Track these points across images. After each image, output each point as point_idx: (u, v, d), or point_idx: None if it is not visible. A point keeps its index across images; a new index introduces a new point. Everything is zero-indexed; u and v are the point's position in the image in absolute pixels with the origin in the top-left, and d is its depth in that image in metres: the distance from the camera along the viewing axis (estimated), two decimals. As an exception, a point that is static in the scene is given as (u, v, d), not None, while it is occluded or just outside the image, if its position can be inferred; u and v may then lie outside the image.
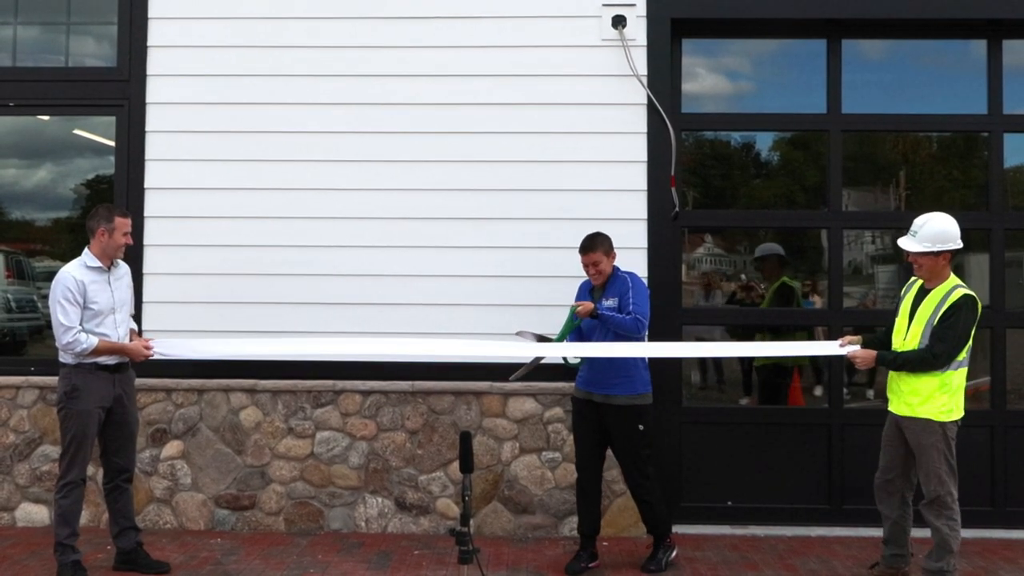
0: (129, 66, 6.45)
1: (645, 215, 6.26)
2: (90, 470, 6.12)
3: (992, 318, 6.45)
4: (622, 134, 6.29)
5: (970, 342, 4.96)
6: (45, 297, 8.08)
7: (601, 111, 6.30)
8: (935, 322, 4.90)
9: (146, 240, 6.34)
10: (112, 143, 6.54)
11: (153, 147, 6.40)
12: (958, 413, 4.95)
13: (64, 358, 5.16)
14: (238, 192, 6.32)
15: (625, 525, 6.19)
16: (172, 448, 6.31)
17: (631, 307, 5.27)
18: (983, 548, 5.95)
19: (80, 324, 5.08)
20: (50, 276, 8.23)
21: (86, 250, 5.25)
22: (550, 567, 5.51)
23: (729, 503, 6.42)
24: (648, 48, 6.32)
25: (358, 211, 6.29)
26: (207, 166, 6.37)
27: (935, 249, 4.93)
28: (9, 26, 6.73)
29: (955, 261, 5.15)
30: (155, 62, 6.42)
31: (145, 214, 6.36)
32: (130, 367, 5.36)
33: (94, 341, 5.07)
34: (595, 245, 5.39)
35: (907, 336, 5.04)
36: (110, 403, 5.19)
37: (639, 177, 6.28)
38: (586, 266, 5.43)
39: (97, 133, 6.92)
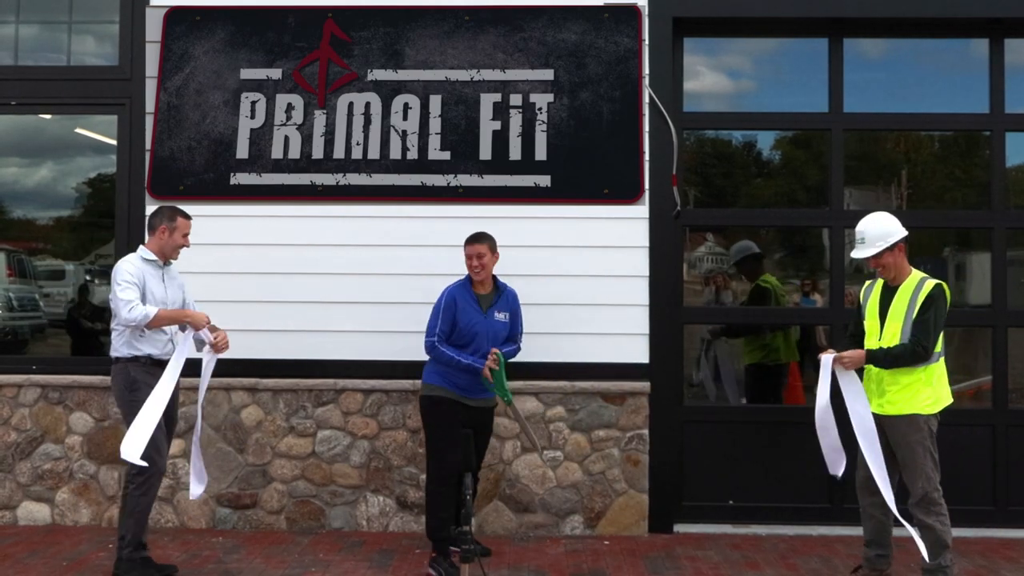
0: (131, 65, 6.45)
1: (647, 214, 6.26)
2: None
3: (993, 317, 6.45)
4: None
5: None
6: (47, 296, 8.13)
7: (602, 110, 6.31)
8: (914, 315, 4.90)
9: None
10: (114, 141, 6.55)
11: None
12: (941, 403, 4.97)
13: (118, 351, 5.12)
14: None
15: (626, 524, 6.19)
16: (173, 447, 6.26)
17: (520, 334, 5.64)
18: (984, 547, 5.94)
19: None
20: (51, 275, 8.30)
21: (142, 246, 5.28)
22: (551, 566, 5.51)
23: (730, 502, 6.41)
24: (650, 47, 6.32)
25: (358, 210, 6.30)
26: (208, 165, 6.39)
27: (888, 245, 4.95)
28: (11, 24, 6.74)
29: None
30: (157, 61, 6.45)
31: (147, 213, 6.35)
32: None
33: (153, 309, 5.03)
34: (482, 238, 5.47)
35: (882, 336, 5.02)
36: (170, 395, 5.10)
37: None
38: (470, 257, 5.43)
39: (98, 132, 6.93)
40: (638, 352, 6.23)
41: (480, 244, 5.44)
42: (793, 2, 6.40)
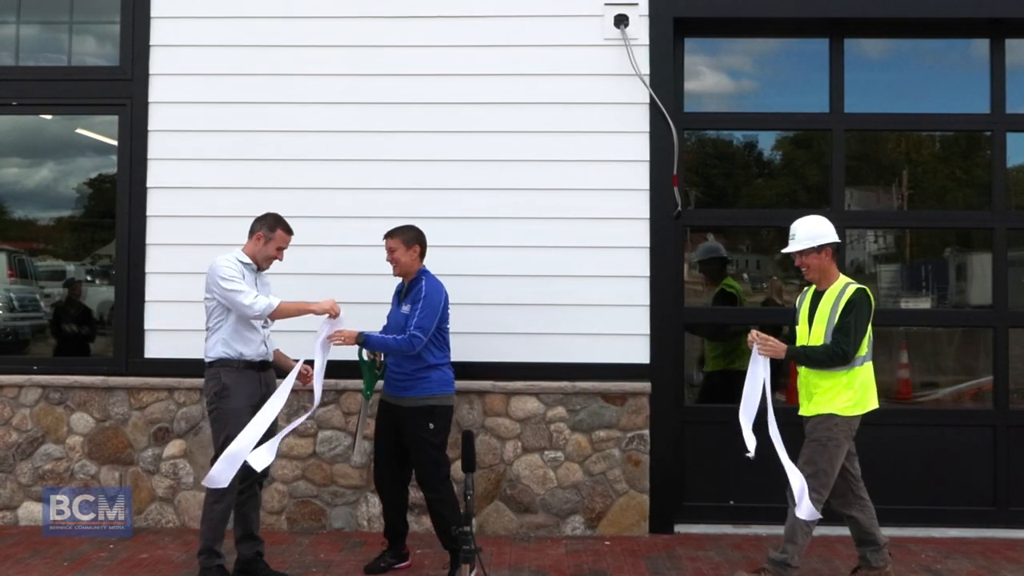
0: (132, 65, 6.45)
1: (647, 214, 6.27)
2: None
3: (994, 318, 6.45)
4: (624, 133, 6.29)
5: (869, 335, 5.02)
6: (48, 296, 8.11)
7: (603, 110, 6.30)
8: (836, 320, 4.97)
9: (148, 239, 6.35)
10: (114, 142, 6.55)
11: (155, 146, 6.41)
12: (861, 408, 5.00)
13: (211, 355, 5.05)
14: (239, 191, 6.32)
15: (627, 524, 6.19)
16: (174, 447, 6.31)
17: (412, 324, 5.13)
18: (985, 548, 5.95)
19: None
20: (52, 275, 8.28)
21: (239, 248, 5.22)
22: (552, 567, 5.51)
23: (731, 502, 6.41)
24: (650, 47, 6.32)
25: (359, 211, 6.30)
26: (209, 165, 6.38)
27: (815, 245, 5.04)
28: (12, 25, 6.74)
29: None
30: (157, 61, 6.44)
31: (147, 213, 6.36)
32: (272, 367, 5.23)
33: (276, 300, 5.00)
34: (394, 233, 5.35)
35: (809, 340, 5.10)
36: (258, 401, 5.04)
37: (641, 176, 6.28)
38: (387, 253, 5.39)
39: (99, 132, 6.93)
40: (639, 352, 6.24)
41: (390, 240, 5.35)
42: (793, 2, 6.40)
